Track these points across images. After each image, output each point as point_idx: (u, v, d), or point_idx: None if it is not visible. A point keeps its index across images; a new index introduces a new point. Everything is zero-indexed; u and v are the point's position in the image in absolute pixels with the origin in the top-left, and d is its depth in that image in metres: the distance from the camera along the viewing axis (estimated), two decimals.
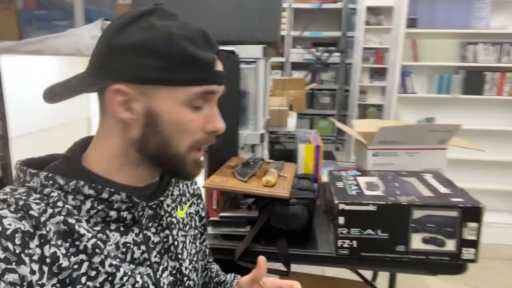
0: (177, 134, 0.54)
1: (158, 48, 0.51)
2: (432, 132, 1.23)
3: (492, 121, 2.76)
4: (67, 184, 0.51)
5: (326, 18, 5.37)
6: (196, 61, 0.53)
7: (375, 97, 4.90)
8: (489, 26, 2.57)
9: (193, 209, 0.73)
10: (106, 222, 0.54)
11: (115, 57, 0.51)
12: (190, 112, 0.55)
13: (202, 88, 0.54)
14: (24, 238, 0.45)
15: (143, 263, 0.57)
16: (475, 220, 0.97)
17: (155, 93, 0.52)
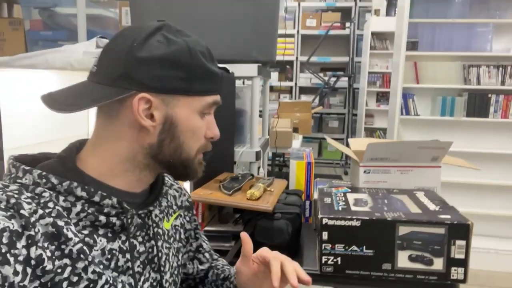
0: (190, 139, 0.59)
1: (182, 61, 0.56)
2: (423, 149, 1.22)
3: (497, 145, 2.71)
4: (60, 184, 0.51)
5: (333, 43, 5.46)
6: (210, 74, 0.59)
7: (382, 120, 4.88)
8: (491, 49, 2.57)
9: (178, 222, 0.74)
10: (94, 227, 0.54)
11: (140, 68, 0.54)
12: (200, 119, 0.60)
13: (213, 98, 0.61)
14: (11, 237, 0.45)
15: (126, 271, 0.57)
16: (463, 237, 0.94)
17: (175, 102, 0.57)
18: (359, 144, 1.55)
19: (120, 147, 0.57)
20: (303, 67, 5.29)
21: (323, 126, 5.54)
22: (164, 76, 0.55)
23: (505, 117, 2.59)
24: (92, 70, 0.58)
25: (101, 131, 0.58)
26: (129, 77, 0.54)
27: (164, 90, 0.56)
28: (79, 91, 0.57)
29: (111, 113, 0.56)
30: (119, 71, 0.54)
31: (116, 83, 0.54)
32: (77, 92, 0.57)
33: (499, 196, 2.73)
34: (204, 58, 0.58)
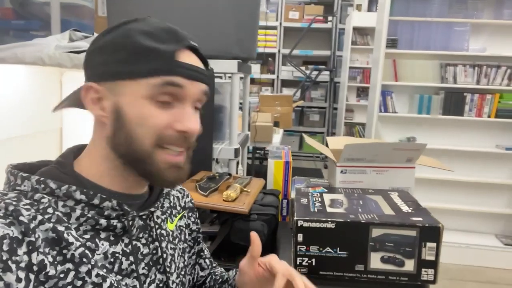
0: (139, 128, 0.54)
1: (117, 43, 0.54)
2: (398, 150, 1.23)
3: (472, 142, 2.79)
4: (59, 188, 0.51)
5: (316, 37, 5.46)
6: (153, 53, 0.53)
7: (361, 115, 4.94)
8: (468, 48, 2.62)
9: (183, 222, 0.73)
10: (96, 230, 0.53)
11: (89, 60, 0.56)
12: (155, 108, 0.54)
13: (161, 79, 0.53)
14: (12, 244, 0.44)
15: (130, 274, 0.56)
16: (434, 240, 0.96)
17: (119, 89, 0.54)
18: (337, 142, 1.56)
19: (97, 146, 0.57)
20: (285, 60, 5.28)
21: (304, 120, 5.57)
22: (103, 62, 0.54)
23: (479, 116, 2.66)
24: None
25: (92, 133, 0.59)
26: (85, 72, 0.57)
27: (106, 77, 0.54)
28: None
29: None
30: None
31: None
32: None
33: (471, 193, 2.81)
34: (148, 38, 0.53)
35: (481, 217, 2.85)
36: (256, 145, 2.80)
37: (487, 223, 2.86)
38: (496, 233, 2.86)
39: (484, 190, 2.80)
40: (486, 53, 2.61)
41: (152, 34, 0.54)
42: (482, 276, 2.58)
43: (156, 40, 0.53)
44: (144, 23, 0.55)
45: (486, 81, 2.62)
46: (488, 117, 2.64)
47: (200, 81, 0.57)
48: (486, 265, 2.68)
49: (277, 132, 3.53)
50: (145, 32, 0.54)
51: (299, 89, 5.11)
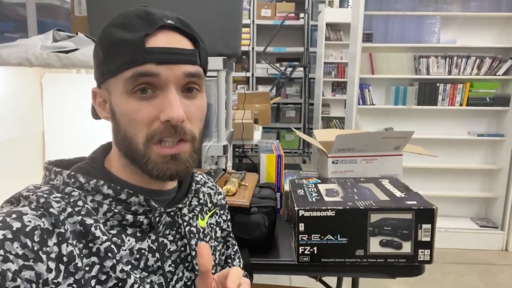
0: (128, 126, 0.52)
1: (97, 44, 0.54)
2: (387, 139, 1.28)
3: (446, 130, 2.90)
4: (88, 182, 0.52)
5: (289, 34, 5.52)
6: (122, 44, 0.50)
7: (337, 109, 5.04)
8: (439, 40, 2.73)
9: (214, 220, 0.71)
10: (122, 226, 0.53)
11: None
12: (136, 101, 0.51)
13: (132, 70, 0.50)
14: (42, 235, 0.45)
15: (157, 271, 0.55)
16: (429, 221, 1.00)
17: (108, 88, 0.54)
18: (324, 135, 1.59)
19: (113, 144, 0.58)
20: (259, 57, 5.31)
21: (281, 116, 5.62)
22: (96, 66, 0.56)
23: (452, 105, 2.77)
24: None
25: None
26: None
27: (99, 79, 0.55)
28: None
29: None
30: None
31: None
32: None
33: (446, 179, 2.93)
34: (119, 29, 0.51)
35: (457, 202, 2.97)
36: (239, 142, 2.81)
37: (463, 207, 2.99)
38: (472, 216, 2.99)
39: (458, 175, 2.92)
40: (456, 45, 2.72)
41: (123, 24, 0.51)
42: (461, 258, 2.70)
43: (126, 29, 0.50)
44: (121, 15, 0.53)
45: (457, 71, 2.73)
46: (460, 105, 2.76)
47: (179, 62, 0.51)
48: (464, 247, 2.81)
49: (256, 129, 3.55)
50: (117, 25, 0.51)
51: (274, 86, 5.15)
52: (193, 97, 0.54)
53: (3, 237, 0.43)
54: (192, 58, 0.53)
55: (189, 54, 0.53)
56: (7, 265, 0.41)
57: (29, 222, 0.45)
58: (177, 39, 0.53)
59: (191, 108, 0.54)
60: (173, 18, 0.53)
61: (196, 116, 0.55)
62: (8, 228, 0.44)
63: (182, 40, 0.53)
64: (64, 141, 1.47)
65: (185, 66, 0.52)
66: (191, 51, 0.53)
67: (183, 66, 0.52)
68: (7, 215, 0.45)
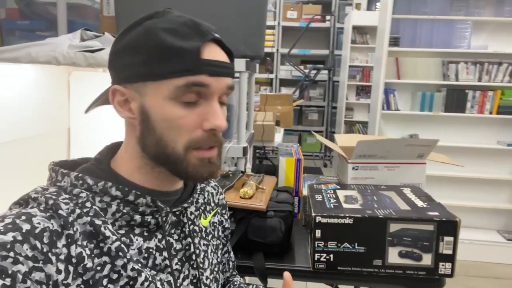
0: (169, 131, 0.53)
1: (139, 44, 0.52)
2: (410, 146, 1.24)
3: (474, 139, 2.81)
4: (96, 184, 0.52)
5: (314, 36, 5.48)
6: (176, 52, 0.51)
7: (361, 114, 4.96)
8: (469, 45, 2.64)
9: (216, 219, 0.73)
10: (130, 226, 0.54)
11: (113, 62, 0.56)
12: (181, 108, 0.53)
13: (186, 79, 0.51)
14: (52, 237, 0.46)
15: (164, 269, 0.57)
16: (451, 234, 0.97)
17: (144, 90, 0.53)
18: (345, 140, 1.57)
19: (129, 144, 0.58)
20: (284, 59, 5.29)
21: (303, 119, 5.59)
22: (127, 64, 0.53)
23: (481, 113, 2.68)
24: None
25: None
26: (110, 73, 0.57)
27: (131, 79, 0.54)
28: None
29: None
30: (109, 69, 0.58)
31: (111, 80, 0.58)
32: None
33: (473, 189, 2.84)
34: (171, 35, 0.51)
35: (483, 213, 2.87)
36: (260, 144, 2.81)
37: (489, 219, 2.88)
38: (498, 228, 2.88)
39: (486, 186, 2.82)
40: (487, 50, 2.63)
41: (174, 30, 0.51)
42: (486, 271, 2.60)
43: (179, 37, 0.51)
44: (166, 19, 0.53)
45: (487, 78, 2.64)
46: (490, 113, 2.66)
47: (225, 75, 0.55)
48: (489, 261, 2.70)
49: (278, 131, 3.54)
50: (167, 29, 0.51)
51: (298, 88, 5.12)
52: (223, 108, 0.58)
53: (13, 239, 0.43)
54: (232, 72, 0.57)
55: (231, 68, 0.57)
56: (17, 267, 0.42)
57: (38, 224, 0.46)
58: (221, 53, 0.56)
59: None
60: (216, 31, 0.56)
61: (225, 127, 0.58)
62: (17, 230, 0.44)
63: (224, 54, 0.56)
64: (89, 137, 1.51)
65: (228, 79, 0.56)
66: (231, 65, 0.57)
67: (227, 79, 0.56)
68: (17, 217, 0.45)
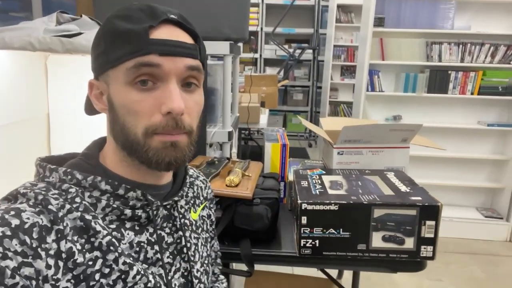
0: (128, 117, 0.52)
1: (98, 34, 0.54)
2: (395, 131, 1.25)
3: (455, 119, 2.85)
4: (85, 179, 0.52)
5: (299, 14, 5.40)
6: (126, 35, 0.51)
7: (346, 94, 4.98)
8: (453, 26, 2.65)
9: (205, 213, 0.74)
10: (121, 220, 0.54)
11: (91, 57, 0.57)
12: (137, 92, 0.52)
13: (134, 60, 0.51)
14: (41, 232, 0.46)
15: (156, 263, 0.57)
16: (433, 218, 0.99)
17: (107, 79, 0.54)
18: (330, 123, 1.57)
19: (109, 138, 0.58)
20: (268, 38, 5.22)
21: (288, 99, 5.57)
22: (95, 57, 0.55)
23: (463, 93, 2.71)
24: None
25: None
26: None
27: (98, 70, 0.55)
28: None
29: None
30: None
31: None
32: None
33: (453, 168, 2.90)
34: (123, 21, 0.52)
35: (463, 191, 2.95)
36: (246, 125, 2.79)
37: (469, 197, 2.97)
38: (477, 206, 2.98)
39: (466, 165, 2.89)
40: (470, 31, 2.64)
41: (127, 16, 0.52)
42: (464, 248, 2.70)
43: (130, 21, 0.51)
44: (124, 8, 0.54)
45: (470, 58, 2.66)
46: (471, 94, 2.70)
47: (182, 55, 0.52)
48: (468, 237, 2.81)
49: (263, 112, 3.53)
50: (121, 16, 0.52)
51: (282, 68, 5.08)
52: (192, 91, 0.56)
53: (1, 234, 0.43)
54: (194, 52, 0.55)
55: (190, 48, 0.54)
56: (5, 262, 0.42)
57: (27, 219, 0.45)
58: (179, 34, 0.54)
59: (190, 102, 0.55)
60: (175, 14, 0.55)
61: (194, 111, 0.56)
62: (6, 225, 0.44)
63: (184, 35, 0.55)
64: (69, 123, 1.47)
65: (187, 59, 0.53)
66: (192, 45, 0.55)
67: (185, 59, 0.53)
68: (6, 212, 0.45)
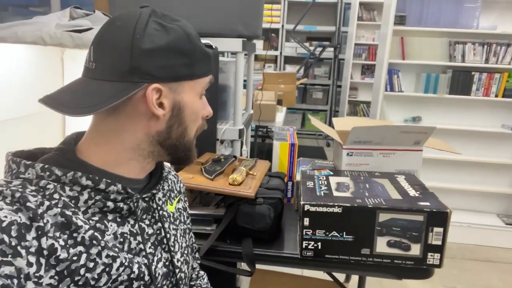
0: (192, 123, 0.62)
1: (184, 48, 0.58)
2: (406, 133, 1.22)
3: (478, 122, 2.75)
4: (65, 175, 0.52)
5: (321, 12, 5.33)
6: (206, 55, 0.62)
7: (366, 94, 4.89)
8: (478, 26, 2.55)
9: (181, 205, 0.76)
10: (103, 212, 0.55)
11: (147, 60, 0.55)
12: (200, 101, 0.63)
13: (209, 78, 0.63)
14: (20, 230, 0.45)
15: (139, 253, 0.59)
16: (441, 225, 0.95)
17: (180, 88, 0.59)
18: (343, 124, 1.54)
19: (126, 137, 0.58)
20: (289, 36, 5.18)
21: (307, 97, 5.52)
22: (170, 65, 0.57)
23: (487, 95, 2.61)
24: (88, 66, 0.56)
25: (102, 124, 0.58)
26: (139, 70, 0.55)
27: (171, 78, 0.57)
28: (86, 90, 0.55)
29: (115, 106, 0.55)
30: (127, 66, 0.54)
31: (126, 77, 0.54)
32: (84, 91, 0.55)
33: (474, 172, 2.81)
34: (199, 42, 0.60)
35: (484, 197, 2.85)
36: (260, 124, 2.78)
37: (490, 203, 2.86)
38: (498, 212, 2.87)
39: (487, 169, 2.79)
40: (496, 31, 2.54)
41: (198, 37, 0.61)
42: (482, 255, 2.61)
43: (200, 42, 0.61)
44: (188, 24, 0.61)
45: (495, 59, 2.56)
46: (496, 96, 2.60)
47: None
48: (487, 244, 2.71)
49: (280, 110, 3.50)
50: (197, 36, 0.61)
51: (302, 66, 5.03)
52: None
53: None
54: None
55: None
56: None
57: (5, 217, 0.45)
58: None
59: None
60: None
61: None
62: None
63: None
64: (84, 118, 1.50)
65: None
66: None
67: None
68: None
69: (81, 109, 0.52)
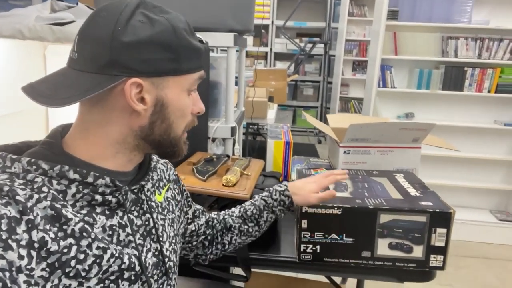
0: (178, 119, 0.60)
1: (168, 42, 0.55)
2: (405, 130, 1.18)
3: (471, 118, 2.74)
4: (52, 169, 0.52)
5: (311, 7, 5.29)
6: (195, 50, 0.59)
7: (357, 90, 4.87)
8: (470, 20, 2.53)
9: (169, 194, 0.75)
10: (92, 206, 0.55)
11: (128, 53, 0.53)
12: (187, 97, 0.61)
13: (199, 73, 0.62)
14: (10, 223, 0.46)
15: (129, 244, 0.59)
16: (444, 225, 0.92)
17: (164, 83, 0.57)
18: (337, 120, 1.50)
19: (110, 130, 0.57)
20: (279, 32, 5.13)
21: (298, 94, 5.48)
22: (152, 59, 0.55)
23: (479, 91, 2.60)
24: (72, 56, 0.55)
25: (87, 116, 0.57)
26: (118, 63, 0.53)
27: (154, 73, 0.55)
28: (65, 81, 0.54)
29: (98, 98, 0.55)
30: (106, 58, 0.52)
31: (104, 70, 0.53)
32: (63, 82, 0.54)
33: (467, 168, 2.80)
34: (187, 35, 0.58)
35: (477, 193, 2.85)
36: (252, 121, 2.73)
37: (483, 199, 2.86)
38: (491, 208, 2.87)
39: (480, 165, 2.78)
40: (489, 26, 2.52)
41: (187, 31, 0.58)
42: (477, 252, 2.60)
43: (194, 38, 0.59)
44: (179, 17, 0.58)
45: (487, 55, 2.54)
46: (488, 92, 2.59)
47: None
48: (480, 241, 2.70)
49: (271, 107, 3.46)
50: (186, 30, 0.57)
51: (293, 62, 4.98)
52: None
53: None
54: None
55: None
56: None
57: None
58: None
59: None
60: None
61: None
62: None
63: None
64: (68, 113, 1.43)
65: None
66: None
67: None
68: None
69: (57, 100, 0.51)
